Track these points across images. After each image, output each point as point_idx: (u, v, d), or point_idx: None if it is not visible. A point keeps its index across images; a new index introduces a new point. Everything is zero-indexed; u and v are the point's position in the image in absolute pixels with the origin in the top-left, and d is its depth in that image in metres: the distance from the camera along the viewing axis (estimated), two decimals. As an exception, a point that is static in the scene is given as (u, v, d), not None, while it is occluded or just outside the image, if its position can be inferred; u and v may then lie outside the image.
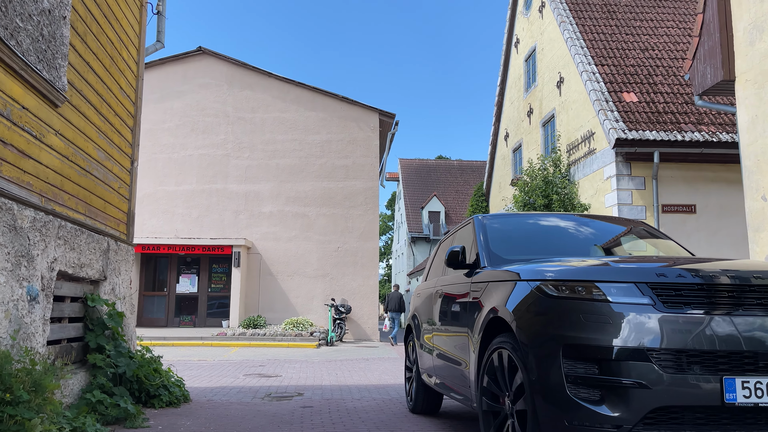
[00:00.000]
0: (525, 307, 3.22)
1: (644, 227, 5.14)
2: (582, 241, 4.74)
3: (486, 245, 4.43)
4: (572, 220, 5.03)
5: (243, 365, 11.87)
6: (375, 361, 12.90)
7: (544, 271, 3.28)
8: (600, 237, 4.90)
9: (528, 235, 4.72)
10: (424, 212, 47.57)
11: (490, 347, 3.58)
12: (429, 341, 5.32)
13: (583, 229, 4.93)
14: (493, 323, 3.68)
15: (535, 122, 18.51)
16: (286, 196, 20.53)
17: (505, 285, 3.59)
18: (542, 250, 4.42)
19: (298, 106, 21.05)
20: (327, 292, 20.02)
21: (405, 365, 6.55)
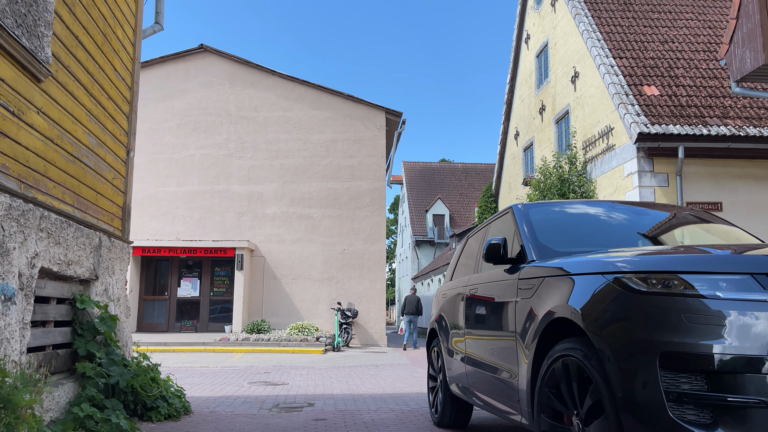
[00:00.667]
0: (601, 306, 2.61)
1: (693, 212, 4.53)
2: (635, 228, 4.15)
3: (532, 236, 3.83)
4: (617, 207, 4.42)
5: (247, 372, 11.25)
6: (386, 367, 12.28)
7: (624, 262, 2.68)
8: (652, 224, 4.30)
9: (575, 225, 4.12)
10: (429, 215, 46.98)
11: (551, 355, 2.97)
12: (459, 347, 4.71)
13: (632, 216, 4.32)
14: (553, 326, 3.07)
15: (547, 119, 17.92)
16: (290, 197, 19.94)
17: (566, 280, 2.98)
18: (594, 240, 3.82)
19: (302, 104, 20.48)
20: (332, 295, 19.41)
21: (428, 373, 5.94)
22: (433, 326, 5.76)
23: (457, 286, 5.06)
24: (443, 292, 5.57)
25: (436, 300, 5.88)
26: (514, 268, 3.77)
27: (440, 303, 5.61)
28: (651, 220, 4.38)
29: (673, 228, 4.34)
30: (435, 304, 5.95)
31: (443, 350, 5.25)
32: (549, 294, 3.12)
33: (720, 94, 13.18)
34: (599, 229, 4.10)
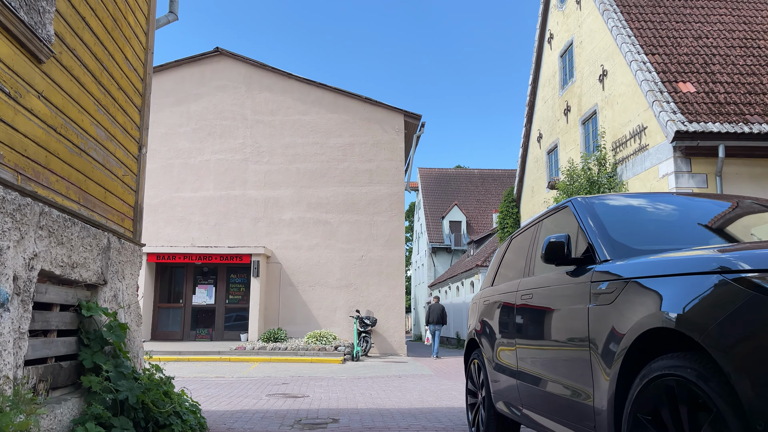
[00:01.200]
0: (724, 315, 2.07)
1: (756, 200, 3.95)
2: (712, 221, 3.59)
3: (602, 232, 3.29)
4: (684, 200, 3.86)
5: (265, 383, 10.76)
6: (409, 378, 11.72)
7: (747, 258, 2.13)
8: (729, 216, 3.73)
9: (646, 219, 3.58)
10: (445, 222, 46.39)
11: (647, 374, 2.42)
12: (508, 360, 4.17)
13: (703, 208, 3.77)
14: (644, 338, 2.53)
15: (573, 120, 17.32)
16: (307, 202, 19.50)
17: (662, 282, 2.44)
18: (671, 235, 3.29)
19: (319, 108, 20.07)
20: (350, 303, 18.89)
21: (467, 388, 5.39)
22: (473, 337, 5.22)
23: (503, 291, 4.52)
24: (485, 298, 5.03)
25: (475, 307, 5.35)
26: (581, 270, 3.24)
27: (481, 311, 5.07)
28: (724, 212, 3.81)
29: (754, 220, 3.77)
30: (473, 312, 5.41)
31: (486, 363, 4.71)
32: (637, 300, 2.58)
33: (760, 91, 12.53)
34: (674, 222, 3.56)
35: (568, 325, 3.23)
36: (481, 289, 5.59)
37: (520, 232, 4.78)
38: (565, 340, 3.25)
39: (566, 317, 3.27)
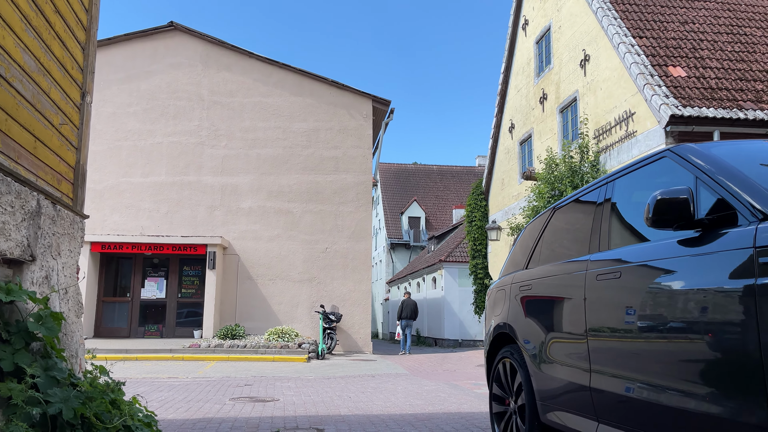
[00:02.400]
0: None
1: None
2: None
3: (748, 183, 2.37)
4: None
5: (225, 384, 9.58)
6: (385, 378, 10.73)
7: None
8: None
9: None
10: (404, 218, 45.66)
11: None
12: (574, 360, 3.22)
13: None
14: None
15: (550, 109, 16.67)
16: (267, 190, 18.25)
17: None
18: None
19: (281, 90, 18.84)
20: (314, 298, 17.77)
21: (492, 394, 4.43)
22: (502, 330, 4.26)
23: (556, 273, 3.57)
24: (521, 283, 4.08)
25: (502, 296, 4.40)
26: (714, 235, 2.31)
27: (516, 299, 4.12)
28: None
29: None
30: (498, 302, 4.46)
31: (530, 363, 3.75)
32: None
33: (750, 78, 12.08)
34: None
35: (696, 312, 2.30)
36: (504, 275, 4.65)
37: (572, 201, 3.84)
38: (694, 333, 2.31)
39: (692, 301, 2.33)
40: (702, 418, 2.25)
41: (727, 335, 2.14)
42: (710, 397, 2.22)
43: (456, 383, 9.68)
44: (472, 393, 8.36)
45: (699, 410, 2.27)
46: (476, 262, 21.52)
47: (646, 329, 2.60)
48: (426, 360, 14.83)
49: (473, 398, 7.75)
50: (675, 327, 2.42)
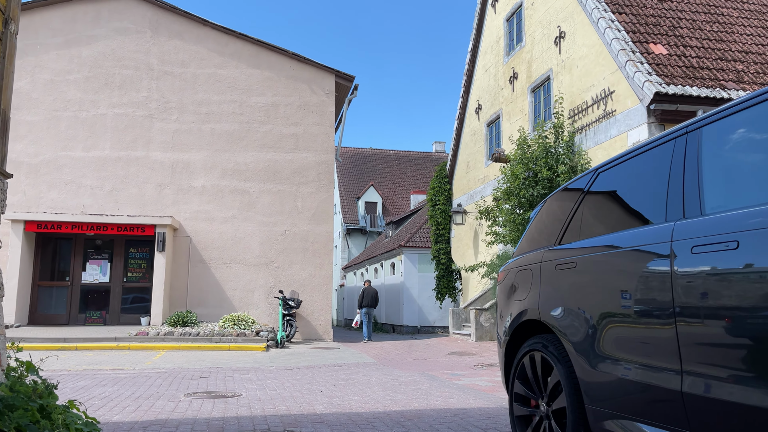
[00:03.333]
0: None
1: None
2: None
3: None
4: None
5: (178, 377, 8.63)
6: (353, 368, 9.97)
7: None
8: None
9: None
10: (360, 203, 44.88)
11: None
12: (650, 355, 2.52)
13: None
14: None
15: (521, 88, 16.13)
16: (222, 167, 17.11)
17: None
18: None
19: (238, 61, 17.66)
20: (271, 283, 16.81)
21: (513, 393, 3.70)
22: (531, 318, 3.53)
23: (618, 244, 2.85)
24: (558, 261, 3.35)
25: (527, 277, 3.67)
26: None
27: (549, 280, 3.39)
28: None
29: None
30: (523, 283, 3.73)
31: (575, 357, 3.03)
32: None
33: (731, 58, 11.78)
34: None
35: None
36: (524, 253, 3.94)
37: (626, 159, 3.13)
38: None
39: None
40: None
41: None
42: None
43: (431, 373, 9.01)
44: (454, 385, 7.69)
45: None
46: (439, 247, 20.96)
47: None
48: (391, 348, 14.16)
49: (457, 391, 7.08)
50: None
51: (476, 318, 14.68)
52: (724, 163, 2.45)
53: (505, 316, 3.95)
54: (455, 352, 12.28)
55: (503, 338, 3.90)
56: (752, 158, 2.32)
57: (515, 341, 3.79)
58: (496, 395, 6.78)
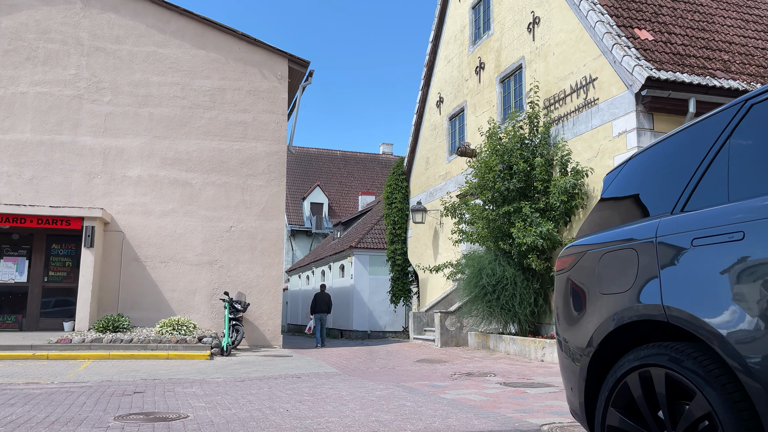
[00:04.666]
0: None
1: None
2: None
3: None
4: None
5: (107, 393, 7.15)
6: (314, 380, 8.69)
7: None
8: None
9: None
10: (306, 203, 43.40)
11: None
12: None
13: None
14: None
15: (488, 79, 15.26)
16: (161, 156, 15.45)
17: None
18: None
19: (181, 40, 16.05)
20: (215, 284, 15.26)
21: (606, 425, 2.57)
22: (643, 317, 2.42)
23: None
24: (697, 234, 2.24)
25: (632, 259, 2.54)
26: None
27: (681, 261, 2.29)
28: None
29: None
30: (625, 266, 2.59)
31: (759, 380, 1.93)
32: None
33: (716, 47, 11.23)
34: None
35: None
36: (615, 228, 2.83)
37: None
38: None
39: None
40: None
41: None
42: None
43: (408, 385, 7.86)
44: (442, 399, 6.57)
45: None
46: (395, 248, 19.88)
47: None
48: (350, 355, 12.92)
49: (451, 408, 5.95)
50: None
51: (441, 322, 13.64)
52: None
53: (580, 318, 2.83)
54: (423, 360, 11.17)
55: (582, 348, 2.77)
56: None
57: (606, 353, 2.67)
58: (500, 413, 5.69)
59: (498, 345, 12.15)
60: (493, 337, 12.45)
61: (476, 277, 11.85)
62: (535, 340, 10.85)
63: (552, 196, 11.20)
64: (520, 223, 11.33)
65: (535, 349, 10.75)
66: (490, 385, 7.70)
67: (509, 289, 11.56)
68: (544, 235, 11.18)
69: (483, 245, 12.99)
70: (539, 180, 11.60)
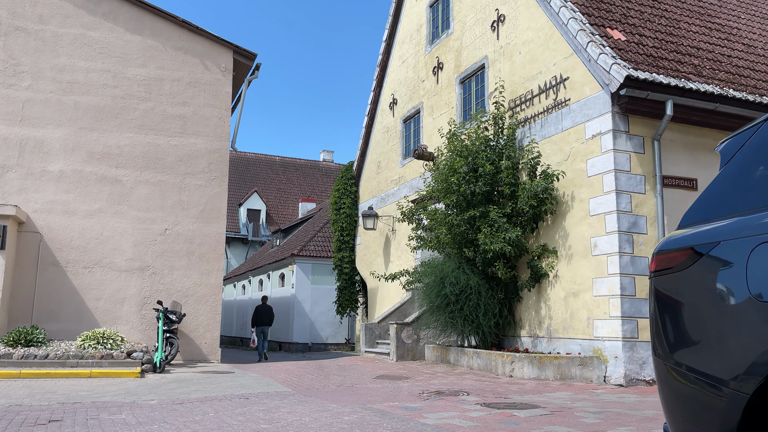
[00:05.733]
0: None
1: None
2: None
3: None
4: None
5: (14, 421, 5.86)
6: (265, 401, 7.59)
7: None
8: None
9: None
10: (242, 210, 41.73)
11: None
12: None
13: None
14: None
15: (447, 80, 14.60)
16: (88, 150, 13.90)
17: None
18: None
19: (114, 24, 14.58)
20: (146, 292, 13.79)
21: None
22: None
23: None
24: None
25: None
26: None
27: None
28: None
29: None
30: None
31: None
32: None
33: (685, 52, 10.97)
34: None
35: None
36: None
37: None
38: None
39: None
40: None
41: None
42: None
43: (377, 407, 6.91)
44: (426, 426, 5.67)
45: None
46: (342, 255, 18.89)
47: None
48: (299, 371, 11.82)
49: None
50: None
51: (397, 334, 12.75)
52: None
53: (719, 335, 2.00)
54: (383, 376, 10.24)
55: (729, 378, 1.94)
56: None
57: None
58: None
59: (460, 359, 11.38)
60: (454, 350, 11.67)
61: (438, 285, 11.05)
62: (503, 354, 10.14)
63: (520, 200, 10.58)
64: (487, 228, 10.64)
65: (503, 363, 10.04)
66: (470, 406, 6.86)
67: (473, 299, 10.82)
68: (512, 242, 10.53)
69: (442, 252, 12.24)
70: (506, 184, 10.96)
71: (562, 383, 9.21)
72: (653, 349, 2.36)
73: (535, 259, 10.82)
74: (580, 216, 10.09)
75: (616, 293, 9.19)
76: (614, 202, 9.34)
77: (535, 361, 9.54)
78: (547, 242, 10.80)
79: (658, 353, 2.29)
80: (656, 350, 2.32)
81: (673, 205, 9.72)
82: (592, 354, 9.61)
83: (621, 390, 8.69)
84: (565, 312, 10.28)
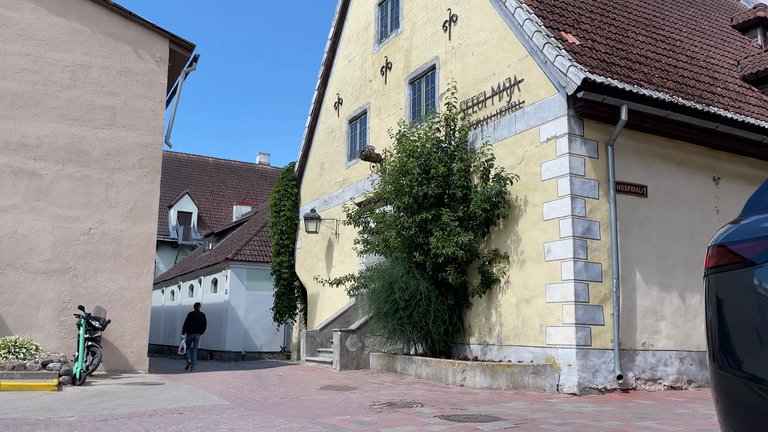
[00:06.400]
0: None
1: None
2: None
3: None
4: None
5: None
6: (201, 416, 6.87)
7: None
8: None
9: None
10: (172, 212, 40.04)
11: None
12: None
13: None
14: None
15: (396, 80, 14.23)
16: (2, 140, 12.67)
17: None
18: None
19: (37, 4, 13.40)
20: (65, 297, 12.64)
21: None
22: None
23: None
24: None
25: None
26: None
27: None
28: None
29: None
30: None
31: None
32: None
33: (635, 59, 11.02)
34: None
35: None
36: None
37: None
38: None
39: None
40: None
41: None
42: None
43: (328, 422, 6.35)
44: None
45: None
46: (281, 260, 18.14)
47: None
48: (235, 381, 11.04)
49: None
50: None
51: (341, 342, 12.17)
52: None
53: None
54: (328, 387, 9.65)
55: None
56: None
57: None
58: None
59: (407, 367, 10.93)
60: (401, 358, 11.22)
61: (387, 291, 10.58)
62: (453, 363, 9.77)
63: (473, 204, 10.29)
64: (439, 232, 10.28)
65: (454, 372, 9.66)
66: (428, 419, 6.41)
67: (423, 305, 10.42)
68: (464, 246, 10.21)
69: (390, 256, 11.80)
70: (458, 186, 10.66)
71: (515, 392, 8.92)
72: (712, 358, 1.97)
73: (486, 265, 10.55)
74: (533, 221, 9.89)
75: (570, 299, 9.01)
76: (569, 207, 9.18)
77: (487, 369, 9.21)
78: (499, 247, 10.55)
79: (723, 365, 1.90)
80: (719, 360, 1.92)
81: (624, 212, 9.68)
82: (545, 362, 9.39)
83: (576, 399, 8.48)
84: (516, 319, 10.03)
